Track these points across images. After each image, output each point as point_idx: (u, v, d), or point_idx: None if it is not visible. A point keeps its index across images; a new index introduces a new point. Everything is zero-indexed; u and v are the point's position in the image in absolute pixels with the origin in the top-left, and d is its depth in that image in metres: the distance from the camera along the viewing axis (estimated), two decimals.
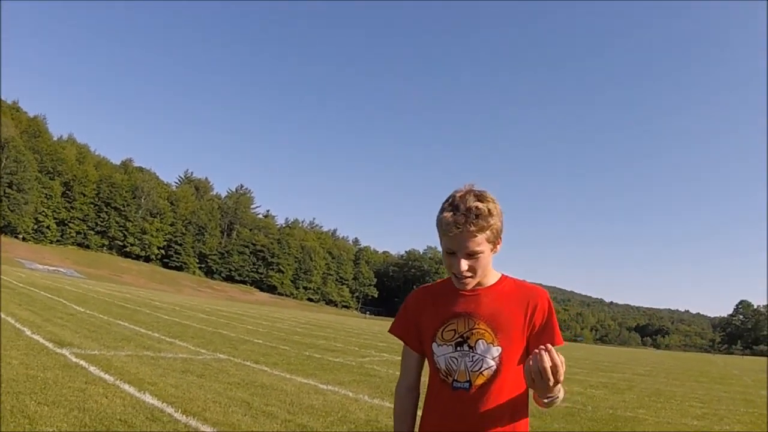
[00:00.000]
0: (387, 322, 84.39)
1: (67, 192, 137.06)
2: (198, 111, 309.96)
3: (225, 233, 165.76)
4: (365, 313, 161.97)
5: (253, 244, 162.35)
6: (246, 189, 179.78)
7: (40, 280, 43.71)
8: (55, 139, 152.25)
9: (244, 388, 10.01)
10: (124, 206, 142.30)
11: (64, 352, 11.12)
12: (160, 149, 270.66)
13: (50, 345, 11.67)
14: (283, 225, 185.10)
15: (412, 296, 2.66)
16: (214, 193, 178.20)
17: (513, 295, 2.42)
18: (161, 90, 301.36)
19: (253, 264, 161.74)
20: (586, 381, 20.17)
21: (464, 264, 2.29)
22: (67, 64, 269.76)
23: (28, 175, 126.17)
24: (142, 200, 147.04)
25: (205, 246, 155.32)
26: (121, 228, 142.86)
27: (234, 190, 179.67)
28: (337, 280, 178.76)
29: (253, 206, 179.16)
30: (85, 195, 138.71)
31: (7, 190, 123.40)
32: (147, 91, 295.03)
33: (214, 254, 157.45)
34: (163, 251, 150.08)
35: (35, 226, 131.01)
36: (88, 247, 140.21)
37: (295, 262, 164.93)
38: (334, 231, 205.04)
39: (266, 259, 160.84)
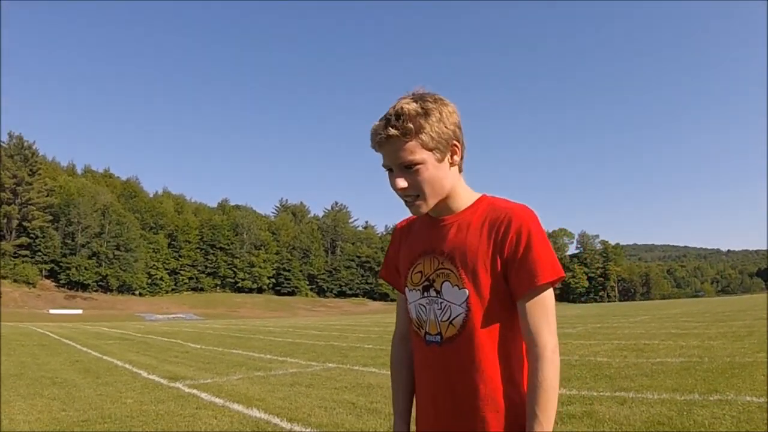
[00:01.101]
0: None
1: (172, 242, 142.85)
2: (285, 142, 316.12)
3: (329, 251, 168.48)
4: None
5: (358, 257, 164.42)
6: (341, 205, 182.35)
7: (159, 327, 45.25)
8: (151, 195, 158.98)
9: (351, 391, 10.08)
10: (228, 245, 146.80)
11: (178, 385, 11.43)
12: (253, 185, 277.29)
13: (164, 381, 12.01)
14: (384, 232, 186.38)
15: (393, 233, 2.25)
16: (312, 215, 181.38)
17: (483, 223, 1.91)
18: (246, 130, 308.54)
19: (362, 276, 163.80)
20: (704, 333, 19.58)
21: (400, 180, 1.85)
22: (153, 126, 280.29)
23: (133, 234, 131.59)
24: (245, 235, 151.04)
25: (312, 267, 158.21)
26: (230, 266, 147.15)
27: (330, 208, 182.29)
28: None
29: (351, 220, 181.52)
30: (189, 242, 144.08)
31: (116, 252, 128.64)
32: (231, 134, 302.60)
33: (323, 273, 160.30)
34: (273, 280, 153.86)
35: (149, 280, 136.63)
36: (202, 289, 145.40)
37: None
38: None
39: (373, 269, 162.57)
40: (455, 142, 1.89)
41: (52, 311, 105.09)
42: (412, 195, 1.88)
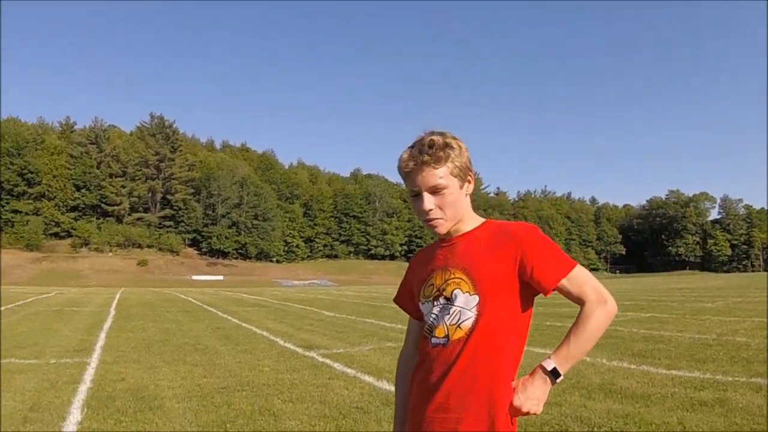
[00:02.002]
0: (637, 279, 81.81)
1: (307, 212, 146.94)
2: (416, 110, 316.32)
3: None
4: (615, 272, 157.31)
5: None
6: (473, 171, 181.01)
7: (295, 294, 46.53)
8: (286, 167, 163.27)
9: None
10: (361, 213, 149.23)
11: (312, 354, 11.73)
12: (384, 153, 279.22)
13: (300, 350, 12.35)
14: (516, 199, 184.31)
15: (410, 262, 2.47)
16: None
17: (494, 238, 2.13)
18: (378, 99, 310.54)
19: None
20: None
21: (428, 201, 2.10)
22: (286, 100, 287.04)
23: (270, 205, 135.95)
24: (377, 204, 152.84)
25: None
26: (363, 233, 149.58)
27: None
28: (580, 243, 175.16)
29: (482, 187, 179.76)
30: (324, 211, 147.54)
31: (254, 222, 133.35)
32: (362, 105, 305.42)
33: None
34: (405, 247, 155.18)
35: (285, 248, 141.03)
36: (336, 256, 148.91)
37: None
38: (569, 194, 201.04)
39: None
40: (470, 173, 2.19)
41: (194, 277, 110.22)
42: (437, 216, 2.12)
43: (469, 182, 2.18)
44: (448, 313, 2.09)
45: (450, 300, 2.10)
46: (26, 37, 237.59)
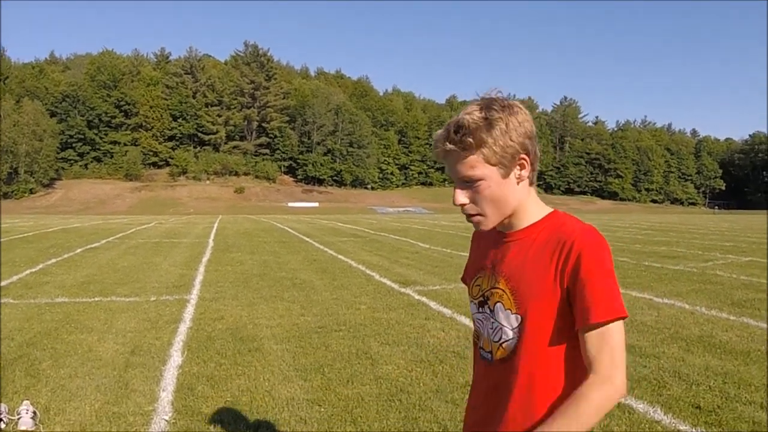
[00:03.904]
0: (737, 216, 78.66)
1: (402, 139, 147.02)
2: (511, 36, 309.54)
3: (557, 147, 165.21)
4: (714, 208, 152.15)
5: (587, 153, 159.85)
6: (571, 99, 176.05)
7: (390, 223, 46.60)
8: (381, 94, 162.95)
9: None
10: None
11: (408, 291, 11.65)
12: (480, 80, 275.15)
13: (396, 286, 12.28)
14: (615, 129, 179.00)
15: (472, 238, 2.10)
16: (540, 110, 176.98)
17: (548, 246, 1.72)
18: (472, 24, 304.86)
19: (591, 173, 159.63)
20: None
21: (460, 195, 1.75)
22: (381, 25, 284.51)
23: (365, 132, 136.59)
24: None
25: (539, 163, 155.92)
26: None
27: (559, 102, 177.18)
28: (679, 177, 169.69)
29: (580, 115, 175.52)
30: (419, 138, 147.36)
31: (349, 149, 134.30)
32: (457, 30, 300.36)
33: (550, 170, 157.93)
34: None
35: (380, 175, 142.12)
36: (430, 184, 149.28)
37: (633, 164, 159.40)
38: (669, 125, 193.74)
39: (603, 166, 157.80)
40: (523, 155, 1.74)
41: (290, 204, 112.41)
42: (473, 213, 1.77)
43: (522, 167, 1.75)
44: (491, 327, 1.81)
45: (493, 312, 1.81)
46: None
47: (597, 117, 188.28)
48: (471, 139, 1.67)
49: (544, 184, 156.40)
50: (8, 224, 40.83)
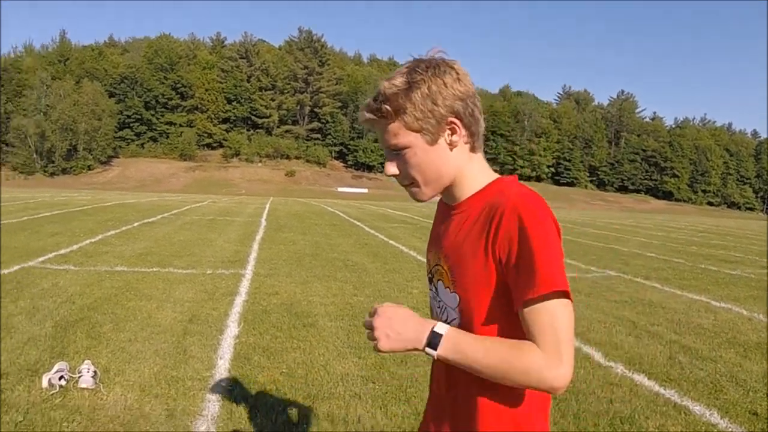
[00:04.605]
0: None
1: None
2: (564, 25, 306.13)
3: (612, 143, 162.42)
4: None
5: (643, 150, 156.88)
6: (628, 94, 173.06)
7: None
8: None
9: (631, 307, 9.61)
10: (508, 131, 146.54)
11: None
12: (535, 70, 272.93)
13: None
14: (673, 126, 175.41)
15: (437, 209, 1.93)
16: (596, 104, 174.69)
17: (479, 216, 1.58)
18: (530, 12, 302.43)
19: (646, 171, 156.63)
20: None
21: (389, 166, 1.64)
22: (437, 9, 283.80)
23: None
24: (525, 123, 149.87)
25: (593, 158, 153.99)
26: (509, 152, 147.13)
27: (615, 96, 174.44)
28: (738, 179, 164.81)
29: (637, 110, 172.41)
30: None
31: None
32: (509, 18, 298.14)
33: (604, 166, 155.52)
34: (552, 169, 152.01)
35: None
36: None
37: (690, 164, 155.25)
38: (729, 125, 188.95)
39: (659, 165, 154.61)
40: (453, 119, 1.58)
41: (340, 189, 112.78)
42: (406, 183, 1.67)
43: (453, 131, 1.59)
44: (438, 306, 1.72)
45: (437, 291, 1.72)
46: None
47: (655, 113, 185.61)
48: (388, 107, 1.56)
49: (597, 180, 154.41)
50: (66, 197, 41.79)
